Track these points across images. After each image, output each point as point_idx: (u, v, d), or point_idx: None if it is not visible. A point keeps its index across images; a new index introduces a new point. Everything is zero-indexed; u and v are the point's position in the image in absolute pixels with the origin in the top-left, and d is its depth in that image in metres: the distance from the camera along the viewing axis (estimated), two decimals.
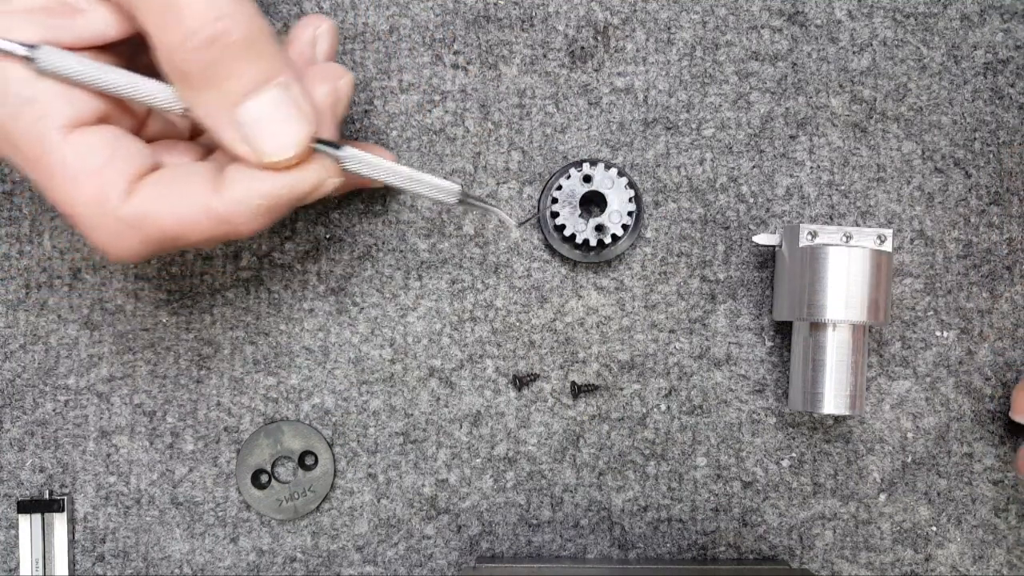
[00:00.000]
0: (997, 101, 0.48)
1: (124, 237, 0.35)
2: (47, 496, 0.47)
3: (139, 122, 0.39)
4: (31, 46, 0.34)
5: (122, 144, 0.36)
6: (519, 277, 0.48)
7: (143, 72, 0.37)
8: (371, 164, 0.39)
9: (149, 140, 0.39)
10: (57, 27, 0.35)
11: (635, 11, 0.48)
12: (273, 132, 0.35)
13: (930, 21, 0.48)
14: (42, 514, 0.46)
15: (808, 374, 0.44)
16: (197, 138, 0.41)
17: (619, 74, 0.48)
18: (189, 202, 0.35)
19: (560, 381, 0.48)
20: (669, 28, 0.48)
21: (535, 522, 0.47)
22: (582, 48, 0.48)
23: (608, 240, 0.46)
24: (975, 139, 0.48)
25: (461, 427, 0.47)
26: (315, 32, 0.40)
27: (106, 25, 0.36)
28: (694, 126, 0.48)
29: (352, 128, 0.48)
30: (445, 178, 0.40)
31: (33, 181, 0.35)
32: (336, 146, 0.38)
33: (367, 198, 0.48)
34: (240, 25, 0.34)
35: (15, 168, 0.36)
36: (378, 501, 0.47)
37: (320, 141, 0.37)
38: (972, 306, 0.48)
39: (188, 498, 0.47)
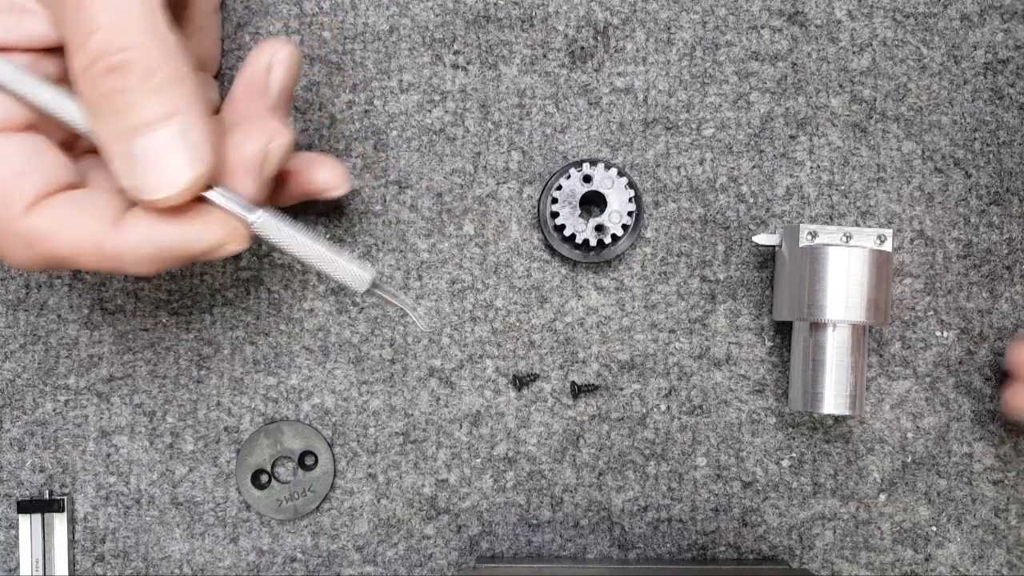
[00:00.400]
0: (997, 101, 0.48)
1: (17, 249, 0.35)
2: (47, 496, 0.47)
3: (71, 134, 0.38)
4: (254, 209, 0.34)
5: (41, 157, 0.35)
6: (519, 277, 0.48)
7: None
8: (283, 235, 0.37)
9: (82, 153, 0.38)
10: (6, 26, 0.35)
11: (635, 11, 0.48)
12: (159, 170, 0.33)
13: (930, 21, 0.48)
14: (42, 514, 0.46)
15: (808, 374, 0.44)
16: None
17: (619, 74, 0.48)
18: (83, 233, 0.35)
19: (560, 381, 0.48)
20: (669, 28, 0.48)
21: (535, 522, 0.47)
22: (582, 48, 0.48)
23: (608, 240, 0.46)
24: (975, 139, 0.48)
25: (461, 427, 0.47)
26: (271, 59, 0.39)
27: (49, 28, 0.35)
28: (694, 126, 0.48)
29: (352, 128, 0.48)
30: (360, 264, 0.38)
31: None
32: (248, 208, 0.36)
33: (367, 198, 0.48)
34: (146, 58, 0.33)
35: None
36: (378, 501, 0.47)
37: (232, 200, 0.36)
38: (972, 306, 0.48)
39: (188, 498, 0.47)
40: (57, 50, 0.35)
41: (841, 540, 0.48)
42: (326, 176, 0.42)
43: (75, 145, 0.38)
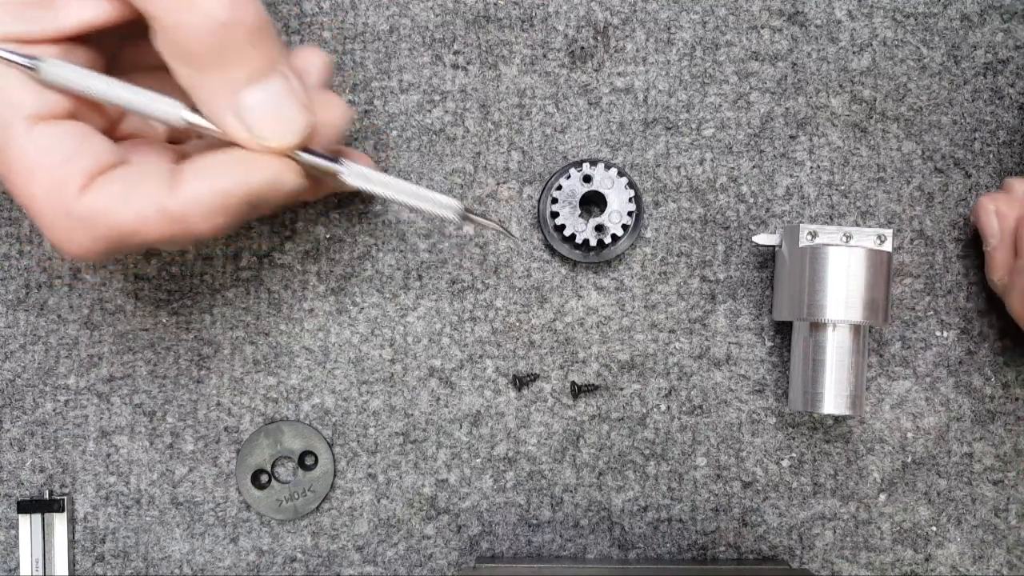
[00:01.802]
0: (997, 101, 0.48)
1: (76, 234, 0.35)
2: (47, 496, 0.47)
3: (110, 121, 0.38)
4: (34, 58, 0.34)
5: (87, 141, 0.35)
6: (519, 277, 0.48)
7: (128, 66, 0.36)
8: (373, 179, 0.39)
9: (121, 138, 0.39)
10: (33, 18, 0.35)
11: (635, 11, 0.48)
12: (275, 119, 0.35)
13: (930, 21, 0.48)
14: (42, 514, 0.46)
15: (808, 374, 0.44)
16: (173, 143, 0.41)
17: (619, 74, 0.48)
18: (143, 200, 0.35)
19: (560, 381, 0.48)
20: (669, 28, 0.48)
21: (535, 522, 0.47)
22: (582, 48, 0.48)
23: (608, 240, 0.46)
24: (975, 139, 0.48)
25: (461, 427, 0.47)
26: (306, 64, 0.40)
27: (93, 13, 0.35)
28: (694, 126, 0.48)
29: (352, 128, 0.48)
30: (445, 194, 0.40)
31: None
32: (335, 160, 0.38)
33: (367, 198, 0.48)
34: (252, 12, 0.34)
35: None
36: (378, 501, 0.47)
37: (317, 155, 0.37)
38: (972, 306, 0.48)
39: (188, 498, 0.47)
40: (83, 39, 0.36)
41: (841, 540, 0.48)
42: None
43: (114, 131, 0.39)
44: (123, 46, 0.39)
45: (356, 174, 0.38)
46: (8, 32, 0.34)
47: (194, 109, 0.36)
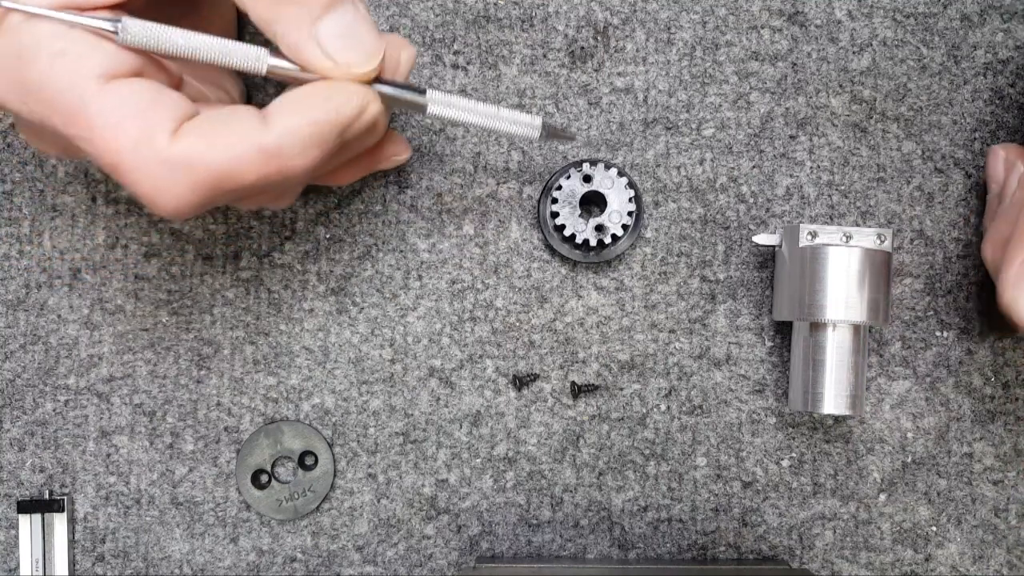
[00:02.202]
0: (997, 101, 0.48)
1: (173, 182, 0.34)
2: (47, 496, 0.47)
3: (174, 82, 0.38)
4: (115, 20, 0.34)
5: (163, 93, 0.35)
6: (519, 277, 0.48)
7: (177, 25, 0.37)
8: (455, 105, 0.39)
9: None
10: None
11: (635, 11, 0.48)
12: (353, 44, 0.36)
13: (930, 21, 0.48)
14: (42, 514, 0.46)
15: (808, 374, 0.44)
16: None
17: (619, 74, 0.48)
18: (237, 139, 0.35)
19: (560, 381, 0.48)
20: (669, 28, 0.48)
21: (535, 522, 0.47)
22: (582, 48, 0.48)
23: (608, 240, 0.46)
24: (975, 139, 0.48)
25: (461, 427, 0.47)
26: (399, 55, 0.41)
27: None
28: (694, 126, 0.48)
29: None
30: (525, 113, 0.41)
31: (71, 139, 0.35)
32: (418, 90, 0.39)
33: (367, 198, 0.48)
34: None
35: (51, 134, 0.35)
36: (378, 501, 0.47)
37: (399, 86, 0.38)
38: (972, 306, 0.48)
39: (188, 498, 0.47)
40: (135, 8, 0.36)
41: (841, 540, 0.48)
42: (393, 147, 0.43)
43: (180, 88, 0.39)
44: (171, 12, 0.39)
45: (438, 101, 0.39)
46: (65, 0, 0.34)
47: (275, 55, 0.37)
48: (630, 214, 0.46)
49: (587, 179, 0.46)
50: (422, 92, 0.39)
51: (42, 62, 0.34)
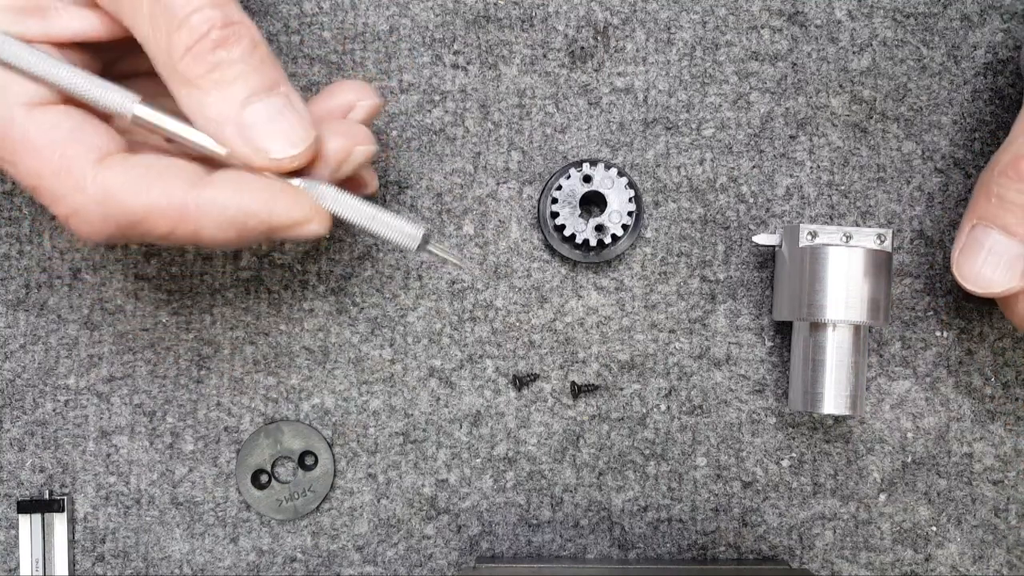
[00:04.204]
0: (997, 101, 0.48)
1: (88, 213, 0.35)
2: (47, 496, 0.47)
3: (104, 117, 0.38)
4: None
5: (89, 121, 0.35)
6: (519, 277, 0.48)
7: (128, 71, 0.36)
8: (343, 204, 0.37)
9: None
10: (27, 23, 0.35)
11: (635, 11, 0.48)
12: (277, 133, 0.35)
13: (930, 21, 0.48)
14: (42, 514, 0.46)
15: (808, 374, 0.44)
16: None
17: (619, 74, 0.48)
18: (161, 190, 0.34)
19: (560, 381, 0.48)
20: (669, 28, 0.48)
21: (535, 522, 0.47)
22: (582, 48, 0.48)
23: (608, 240, 0.46)
24: (975, 139, 0.48)
25: (461, 427, 0.47)
26: (355, 101, 0.40)
27: (83, 26, 0.36)
28: (694, 126, 0.48)
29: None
30: (414, 221, 0.39)
31: (2, 165, 0.35)
32: (312, 182, 0.37)
33: (367, 198, 0.48)
34: (249, 31, 0.34)
35: None
36: (378, 501, 0.47)
37: (295, 176, 0.37)
38: (972, 306, 0.48)
39: (188, 498, 0.47)
40: (92, 47, 0.36)
41: (841, 540, 0.48)
42: (368, 177, 0.43)
43: (110, 122, 0.38)
44: (123, 54, 0.39)
45: (328, 198, 0.37)
46: (5, 31, 0.34)
47: (147, 103, 0.36)
48: (630, 214, 0.46)
49: (587, 179, 0.46)
50: (313, 183, 0.37)
51: None
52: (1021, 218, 0.40)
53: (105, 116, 0.37)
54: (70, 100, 0.36)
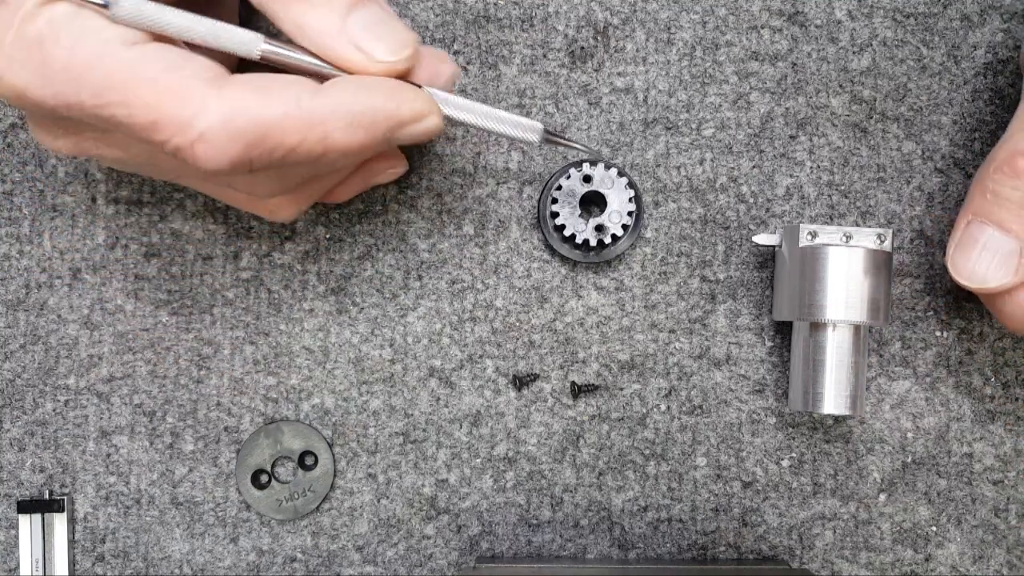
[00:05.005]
0: (997, 101, 0.48)
1: (215, 135, 0.33)
2: (47, 496, 0.47)
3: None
4: None
5: (190, 53, 0.35)
6: (519, 277, 0.48)
7: (213, 14, 0.36)
8: (456, 104, 0.39)
9: None
10: None
11: (635, 11, 0.48)
12: (384, 36, 0.36)
13: (930, 21, 0.48)
14: (42, 514, 0.46)
15: (808, 374, 0.44)
16: None
17: (619, 74, 0.48)
18: (287, 98, 0.34)
19: (560, 381, 0.48)
20: (669, 28, 0.48)
21: (535, 522, 0.47)
22: (582, 48, 0.48)
23: (608, 240, 0.46)
24: (975, 139, 0.48)
25: (461, 427, 0.47)
26: (437, 67, 0.40)
27: None
28: (694, 126, 0.48)
29: None
30: (526, 115, 0.42)
31: (102, 113, 0.34)
32: (420, 87, 0.38)
33: (367, 198, 0.48)
34: None
35: (74, 120, 0.35)
36: (378, 501, 0.47)
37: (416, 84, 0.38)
38: (972, 306, 0.48)
39: (188, 498, 0.47)
40: None
41: (841, 540, 0.48)
42: (391, 160, 0.42)
43: None
44: (206, 5, 0.39)
45: (447, 101, 0.39)
46: None
47: (269, 40, 0.36)
48: (630, 214, 0.46)
49: (587, 179, 0.46)
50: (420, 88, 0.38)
51: (63, 41, 0.33)
52: (1016, 214, 0.40)
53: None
54: (161, 38, 0.35)
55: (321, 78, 0.36)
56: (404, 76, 0.37)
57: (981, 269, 0.41)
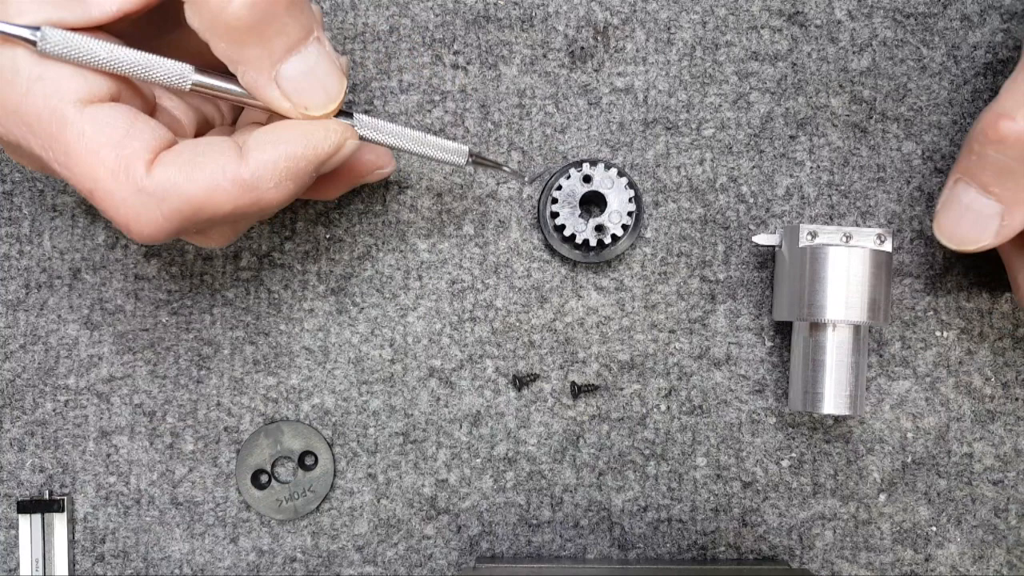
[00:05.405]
0: None
1: (147, 210, 0.35)
2: (47, 496, 0.47)
3: (149, 107, 0.38)
4: (34, 28, 0.34)
5: (140, 119, 0.35)
6: (519, 277, 0.48)
7: (160, 53, 0.37)
8: (382, 129, 0.40)
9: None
10: (64, 6, 0.35)
11: (635, 11, 0.48)
12: (315, 86, 0.36)
13: (930, 21, 0.48)
14: (42, 514, 0.46)
15: (808, 374, 0.44)
16: (202, 135, 0.41)
17: (619, 74, 0.48)
18: (213, 170, 0.35)
19: (560, 381, 0.48)
20: (669, 28, 0.48)
21: (535, 522, 0.47)
22: (582, 48, 0.48)
23: (608, 240, 0.46)
24: None
25: (461, 427, 0.47)
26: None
27: (121, 1, 0.35)
28: (694, 126, 0.48)
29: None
30: (453, 140, 0.42)
31: (48, 162, 0.35)
32: (349, 114, 0.39)
33: (367, 198, 0.48)
34: None
35: (28, 154, 0.36)
36: (378, 501, 0.47)
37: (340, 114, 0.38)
38: (972, 306, 0.48)
39: (188, 498, 0.47)
40: (125, 26, 0.36)
41: (841, 540, 0.48)
42: (373, 157, 0.43)
43: (154, 114, 0.39)
44: (154, 40, 0.39)
45: (367, 126, 0.39)
46: (45, 19, 0.34)
47: (200, 71, 0.36)
48: (630, 214, 0.46)
49: (587, 179, 0.46)
50: (349, 115, 0.39)
51: (20, 85, 0.34)
52: (995, 176, 0.40)
53: (150, 105, 0.38)
54: (117, 96, 0.36)
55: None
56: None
57: (962, 230, 0.42)
